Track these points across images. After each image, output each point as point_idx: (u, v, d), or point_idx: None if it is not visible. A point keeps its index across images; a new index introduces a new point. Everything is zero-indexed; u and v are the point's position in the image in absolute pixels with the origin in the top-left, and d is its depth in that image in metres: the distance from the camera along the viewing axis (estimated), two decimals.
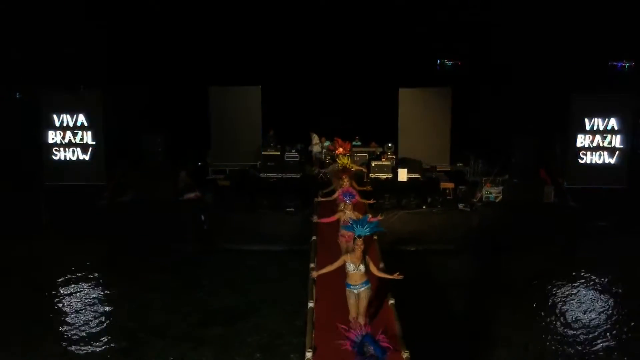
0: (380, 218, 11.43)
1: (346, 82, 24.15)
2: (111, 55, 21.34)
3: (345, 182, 13.18)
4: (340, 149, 18.06)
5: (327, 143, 21.99)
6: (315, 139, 22.07)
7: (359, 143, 22.24)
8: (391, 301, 10.13)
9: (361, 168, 18.95)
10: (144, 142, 18.62)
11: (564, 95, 19.51)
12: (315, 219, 12.31)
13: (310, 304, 10.33)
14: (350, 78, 24.26)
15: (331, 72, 24.17)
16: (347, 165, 15.48)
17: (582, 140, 19.06)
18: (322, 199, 14.48)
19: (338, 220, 11.96)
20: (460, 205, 17.76)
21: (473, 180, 20.07)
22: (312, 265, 12.03)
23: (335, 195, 13.17)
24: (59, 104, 19.17)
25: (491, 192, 18.05)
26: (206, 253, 17.21)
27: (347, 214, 11.47)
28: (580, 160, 19.10)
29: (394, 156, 21.08)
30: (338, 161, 15.98)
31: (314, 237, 13.47)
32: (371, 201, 14.01)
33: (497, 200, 18.12)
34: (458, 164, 21.44)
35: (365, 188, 16.80)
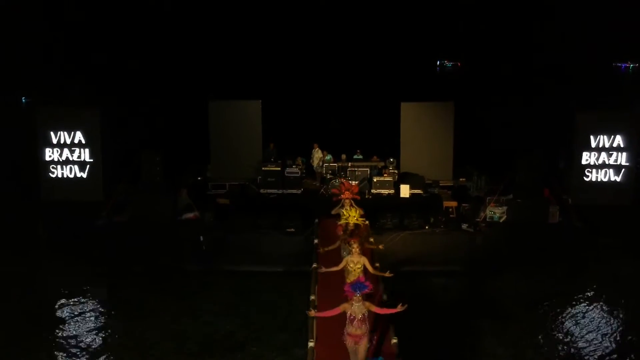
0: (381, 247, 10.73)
1: (348, 96, 23.92)
2: (109, 71, 21.12)
3: (355, 248, 11.06)
4: (347, 193, 14.74)
5: (328, 157, 21.77)
6: (317, 152, 21.84)
7: (360, 157, 22.04)
8: None
9: (366, 222, 14.43)
10: (142, 160, 18.34)
11: (569, 111, 19.27)
12: (312, 313, 10.11)
13: (311, 344, 10.09)
14: (351, 92, 24.05)
15: (332, 86, 23.97)
16: (354, 219, 12.50)
17: (587, 158, 18.77)
18: (325, 270, 11.67)
19: (343, 273, 11.13)
20: (464, 226, 17.45)
21: (476, 195, 19.79)
22: (312, 297, 11.79)
23: (339, 267, 11.26)
24: (56, 121, 18.93)
25: (495, 212, 17.74)
26: (205, 274, 16.91)
27: (355, 307, 9.22)
28: (585, 178, 18.80)
29: (396, 171, 20.85)
30: (344, 213, 12.97)
31: (314, 265, 13.23)
32: (387, 274, 11.41)
33: (501, 221, 17.81)
34: (461, 179, 21.15)
35: (375, 247, 13.43)
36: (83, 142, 18.89)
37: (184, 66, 23.14)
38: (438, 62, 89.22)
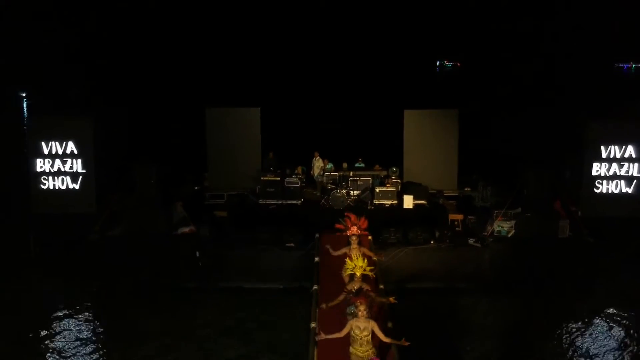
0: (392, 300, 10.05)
1: (349, 103, 23.36)
2: (103, 80, 20.54)
3: (362, 311, 9.19)
4: (354, 228, 12.54)
5: (329, 166, 21.20)
6: (318, 161, 21.26)
7: (362, 165, 21.50)
8: None
9: (372, 274, 11.52)
10: (136, 173, 17.72)
11: (573, 115, 18.68)
12: None
13: None
14: (353, 98, 23.48)
15: (333, 92, 23.41)
16: (361, 269, 10.59)
17: (597, 169, 18.09)
18: (325, 337, 9.73)
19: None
20: (471, 241, 16.82)
21: (482, 206, 19.21)
22: (312, 325, 11.15)
23: (342, 333, 9.49)
24: (47, 131, 18.26)
25: (503, 226, 17.10)
26: (201, 291, 16.30)
27: None
28: (595, 190, 18.13)
29: (399, 180, 20.26)
30: (348, 262, 10.97)
31: (315, 287, 12.64)
32: (403, 342, 9.39)
33: (509, 235, 17.17)
34: (466, 189, 20.57)
35: (384, 300, 10.97)
36: (75, 152, 18.18)
37: (181, 73, 22.56)
38: (438, 63, 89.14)
